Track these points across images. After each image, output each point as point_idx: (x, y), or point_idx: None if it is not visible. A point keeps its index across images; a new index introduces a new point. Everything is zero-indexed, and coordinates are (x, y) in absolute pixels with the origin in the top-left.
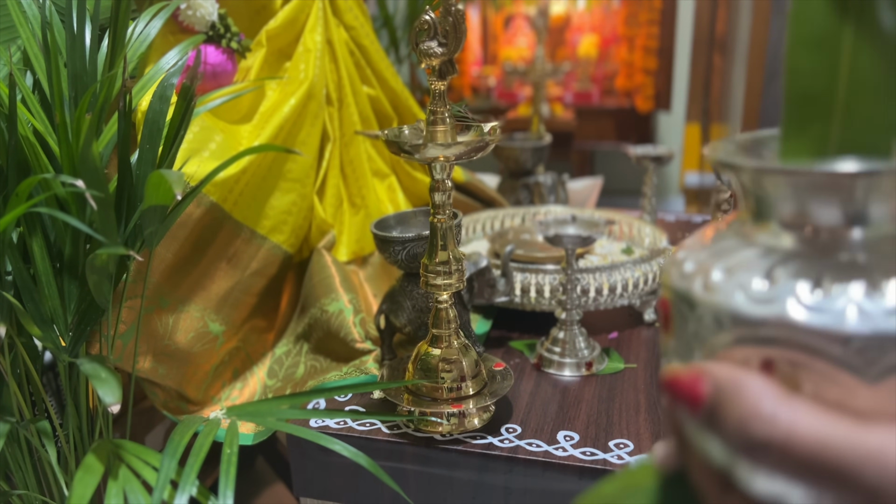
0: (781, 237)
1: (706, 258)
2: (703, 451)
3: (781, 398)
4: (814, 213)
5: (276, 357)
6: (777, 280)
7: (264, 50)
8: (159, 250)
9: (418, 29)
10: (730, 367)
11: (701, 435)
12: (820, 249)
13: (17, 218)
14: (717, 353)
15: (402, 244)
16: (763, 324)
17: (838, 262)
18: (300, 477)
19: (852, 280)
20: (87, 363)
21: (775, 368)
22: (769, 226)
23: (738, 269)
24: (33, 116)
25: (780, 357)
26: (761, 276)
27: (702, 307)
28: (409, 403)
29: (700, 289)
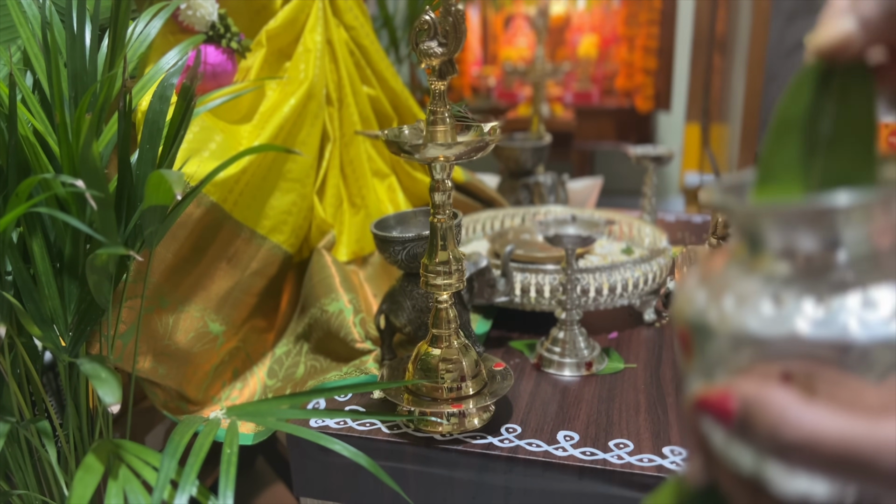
0: (777, 265)
1: (716, 289)
2: (732, 462)
3: (804, 404)
4: (801, 244)
5: (276, 357)
6: (783, 302)
7: (264, 50)
8: (159, 250)
9: (418, 29)
10: (753, 382)
11: (730, 447)
12: (813, 273)
13: (17, 218)
14: (739, 371)
15: (402, 244)
16: (776, 342)
17: (831, 281)
18: (300, 477)
19: (847, 295)
20: (87, 363)
21: (793, 379)
22: (765, 256)
23: (746, 296)
24: (33, 116)
25: (795, 368)
26: (769, 301)
27: (719, 334)
28: (409, 403)
29: (715, 318)
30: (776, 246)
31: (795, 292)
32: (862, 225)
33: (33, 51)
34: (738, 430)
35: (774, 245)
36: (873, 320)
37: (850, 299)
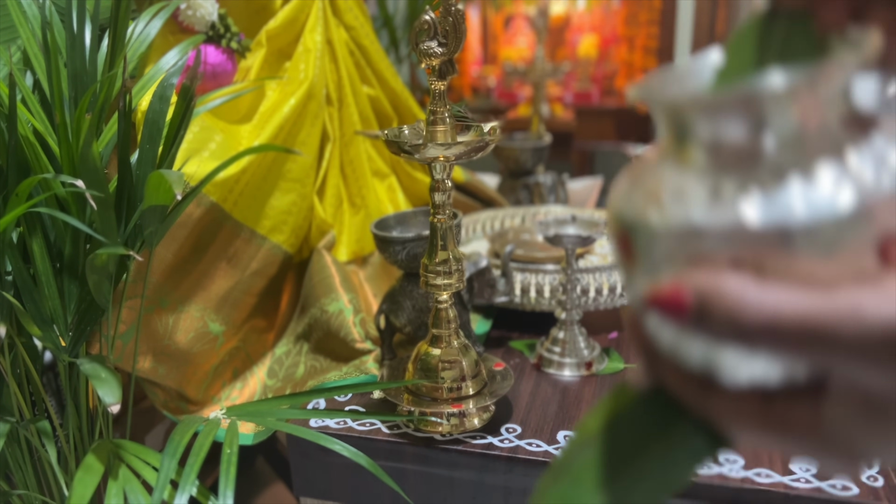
0: (708, 157)
1: (652, 187)
2: (680, 359)
3: (760, 286)
4: (728, 132)
5: (276, 357)
6: (722, 191)
7: (264, 50)
8: (159, 250)
9: (418, 29)
10: (705, 271)
11: (679, 343)
12: (745, 160)
13: (17, 218)
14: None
15: (402, 244)
16: (721, 231)
17: (767, 166)
18: (300, 477)
19: (786, 178)
20: (87, 363)
21: (743, 265)
22: (694, 149)
23: (684, 190)
24: (33, 116)
25: (743, 254)
26: (707, 191)
27: (662, 232)
28: (409, 403)
29: (655, 216)
30: (704, 136)
31: (733, 180)
32: (789, 107)
33: (33, 51)
34: (693, 321)
35: (703, 136)
36: (814, 198)
37: (789, 179)
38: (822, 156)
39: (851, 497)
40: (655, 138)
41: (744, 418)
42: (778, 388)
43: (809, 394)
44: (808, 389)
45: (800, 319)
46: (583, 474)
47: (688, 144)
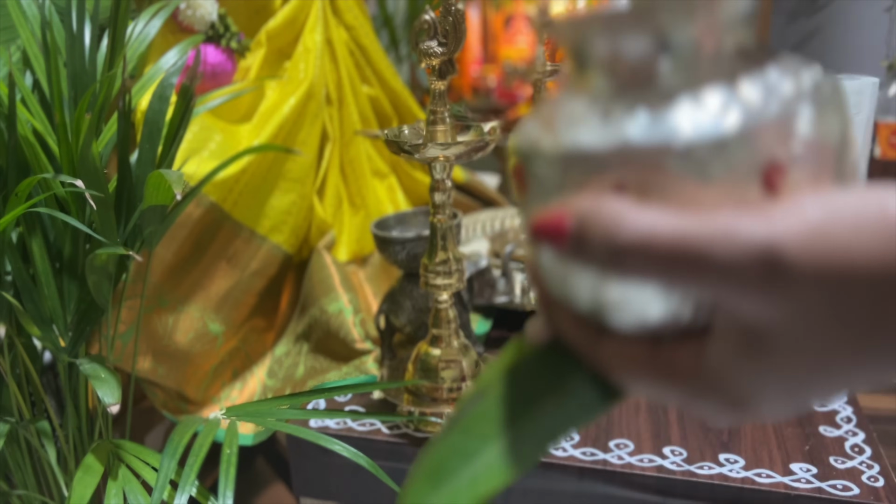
0: (604, 80)
1: (547, 115)
2: (570, 301)
3: (638, 207)
4: (626, 50)
5: (276, 357)
6: (612, 113)
7: (264, 50)
8: (159, 250)
9: (418, 29)
10: (587, 196)
11: (567, 281)
12: (640, 82)
13: (16, 218)
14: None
15: (402, 244)
16: (608, 153)
17: (659, 88)
18: (300, 477)
19: (676, 99)
20: (87, 363)
21: (626, 188)
22: (591, 73)
23: (576, 114)
24: (33, 116)
25: (628, 178)
26: (598, 114)
27: (552, 157)
28: (409, 404)
29: (548, 141)
30: (602, 57)
31: (625, 103)
32: (686, 26)
33: (33, 51)
34: (574, 244)
35: (600, 56)
36: (701, 119)
37: (678, 102)
38: (713, 80)
39: (852, 497)
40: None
41: (632, 365)
42: (665, 331)
43: (695, 335)
44: (693, 331)
45: (674, 240)
46: (474, 424)
47: (587, 69)
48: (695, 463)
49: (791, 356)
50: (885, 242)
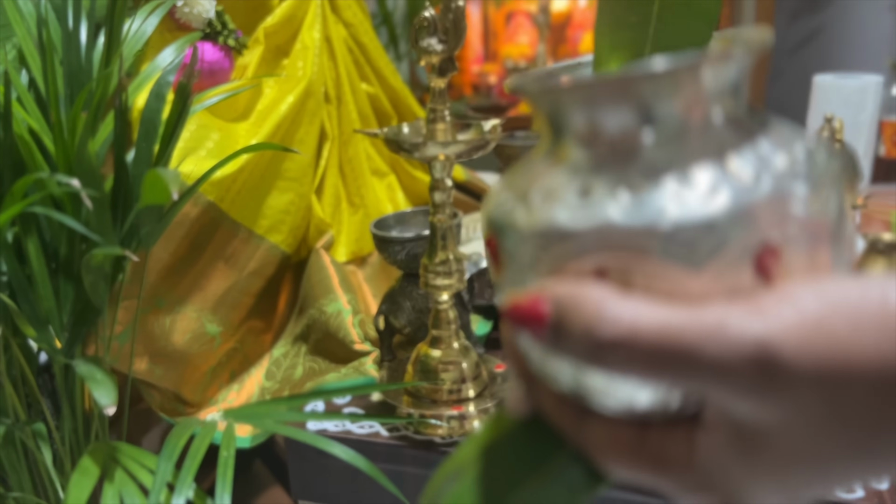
0: (581, 153)
1: (521, 187)
2: (551, 379)
3: (620, 298)
4: (605, 123)
5: (274, 358)
6: (592, 190)
7: (262, 47)
8: (156, 250)
9: (418, 26)
10: (566, 282)
11: (547, 362)
12: (621, 157)
13: (12, 218)
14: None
15: (401, 244)
16: (587, 234)
17: (642, 164)
18: (298, 480)
19: (661, 177)
20: (83, 364)
21: (608, 274)
22: (568, 145)
23: (553, 189)
24: (28, 115)
25: (610, 263)
26: (577, 190)
27: (527, 233)
28: (409, 405)
29: (522, 216)
30: (580, 129)
31: (605, 180)
32: (670, 98)
33: (29, 49)
34: (552, 335)
35: (578, 128)
36: (689, 199)
37: (664, 180)
38: (700, 155)
39: (856, 500)
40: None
41: (619, 451)
42: (653, 416)
43: (685, 424)
44: (683, 418)
45: (659, 335)
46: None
47: (564, 140)
48: None
49: (786, 455)
50: (886, 340)
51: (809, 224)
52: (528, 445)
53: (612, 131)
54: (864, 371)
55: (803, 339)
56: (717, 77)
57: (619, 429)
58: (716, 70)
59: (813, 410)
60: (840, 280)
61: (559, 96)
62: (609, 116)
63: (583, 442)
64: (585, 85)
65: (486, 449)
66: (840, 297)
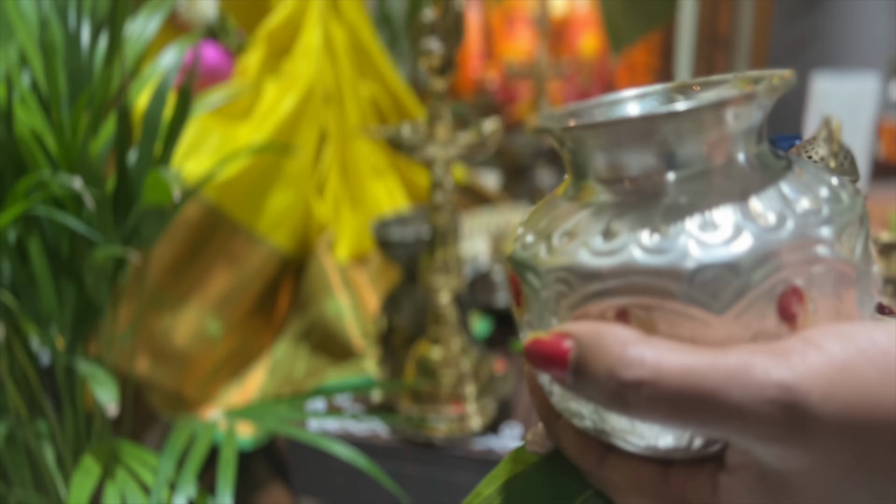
0: (606, 193)
1: (544, 227)
2: (573, 417)
3: (643, 340)
4: (627, 165)
5: (275, 358)
6: (615, 232)
7: (263, 48)
8: (157, 250)
9: (418, 27)
10: (588, 323)
11: (570, 402)
12: (644, 198)
13: (14, 218)
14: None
15: (401, 244)
16: (610, 275)
17: (664, 206)
18: (299, 479)
19: (684, 219)
20: (85, 364)
21: (630, 316)
22: (590, 186)
23: (576, 229)
24: (31, 115)
25: (632, 305)
26: (600, 231)
27: (549, 274)
28: (409, 405)
29: (544, 256)
30: (602, 170)
31: (628, 221)
32: (692, 138)
33: (31, 49)
34: (573, 376)
35: (600, 169)
36: (712, 242)
37: (687, 222)
38: (723, 198)
39: None
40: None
41: (639, 490)
42: (675, 453)
43: (708, 465)
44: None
45: (683, 378)
46: None
47: (587, 180)
48: None
49: (810, 500)
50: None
51: (834, 266)
52: (548, 483)
53: (635, 172)
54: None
55: (830, 384)
56: (739, 118)
57: (641, 468)
58: (738, 111)
59: (839, 458)
60: (866, 325)
61: (582, 136)
62: (631, 157)
63: (604, 481)
64: (607, 124)
65: (507, 485)
66: (867, 342)
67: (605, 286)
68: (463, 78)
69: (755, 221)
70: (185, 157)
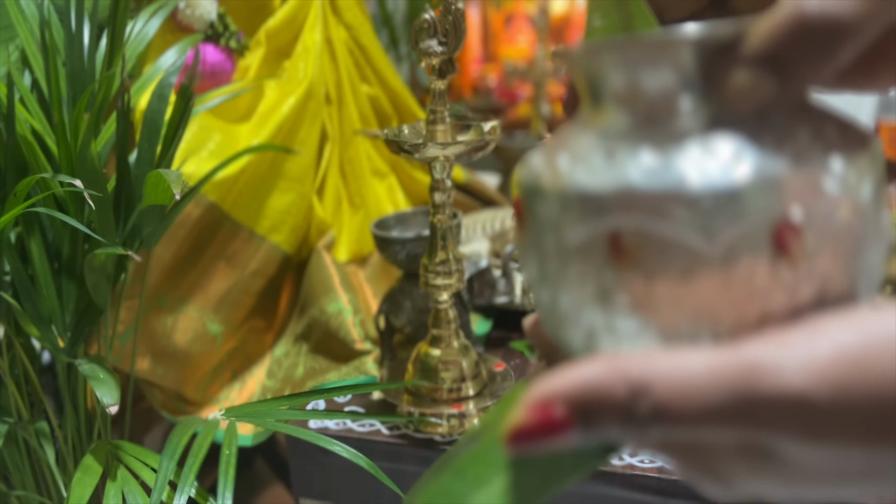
0: (617, 117)
1: (552, 151)
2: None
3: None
4: (639, 88)
5: (275, 358)
6: (617, 154)
7: (263, 49)
8: (158, 250)
9: (418, 28)
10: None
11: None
12: (654, 122)
13: (15, 218)
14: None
15: (401, 244)
16: (607, 198)
17: (672, 130)
18: (299, 478)
19: (687, 144)
20: (86, 364)
21: (623, 243)
22: (605, 108)
23: (581, 152)
24: (31, 116)
25: (626, 230)
26: (603, 153)
27: (550, 195)
28: (409, 404)
29: (548, 178)
30: (619, 88)
31: (631, 143)
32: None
33: (31, 50)
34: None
35: (617, 87)
36: (712, 167)
37: (690, 147)
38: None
39: None
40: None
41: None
42: None
43: None
44: None
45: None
46: (466, 468)
47: (600, 104)
48: None
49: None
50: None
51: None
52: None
53: (647, 94)
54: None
55: (842, 379)
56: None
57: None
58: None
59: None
60: (878, 310)
61: (600, 56)
62: (645, 78)
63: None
64: (626, 45)
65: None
66: (880, 329)
67: (601, 208)
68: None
69: (759, 149)
70: (185, 157)
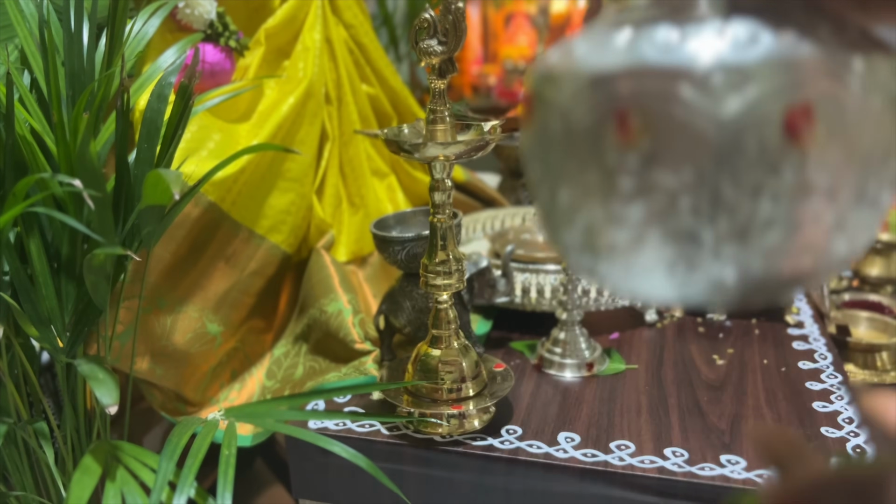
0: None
1: (569, 43)
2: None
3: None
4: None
5: (275, 358)
6: (633, 30)
7: (263, 48)
8: (157, 250)
9: (418, 27)
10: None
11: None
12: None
13: (14, 218)
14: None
15: (401, 244)
16: (620, 74)
17: (693, 14)
18: (299, 479)
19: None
20: (85, 364)
21: (629, 122)
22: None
23: (597, 37)
24: (30, 116)
25: (633, 108)
26: (619, 34)
27: (563, 79)
28: (409, 404)
29: (562, 65)
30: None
31: (650, 22)
32: None
33: (31, 49)
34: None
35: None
36: (725, 47)
37: (707, 27)
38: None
39: None
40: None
41: None
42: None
43: None
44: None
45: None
46: None
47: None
48: (696, 464)
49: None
50: None
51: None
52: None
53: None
54: None
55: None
56: None
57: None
58: None
59: None
60: None
61: None
62: None
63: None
64: None
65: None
66: None
67: (612, 86)
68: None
69: (776, 35)
70: (185, 157)
